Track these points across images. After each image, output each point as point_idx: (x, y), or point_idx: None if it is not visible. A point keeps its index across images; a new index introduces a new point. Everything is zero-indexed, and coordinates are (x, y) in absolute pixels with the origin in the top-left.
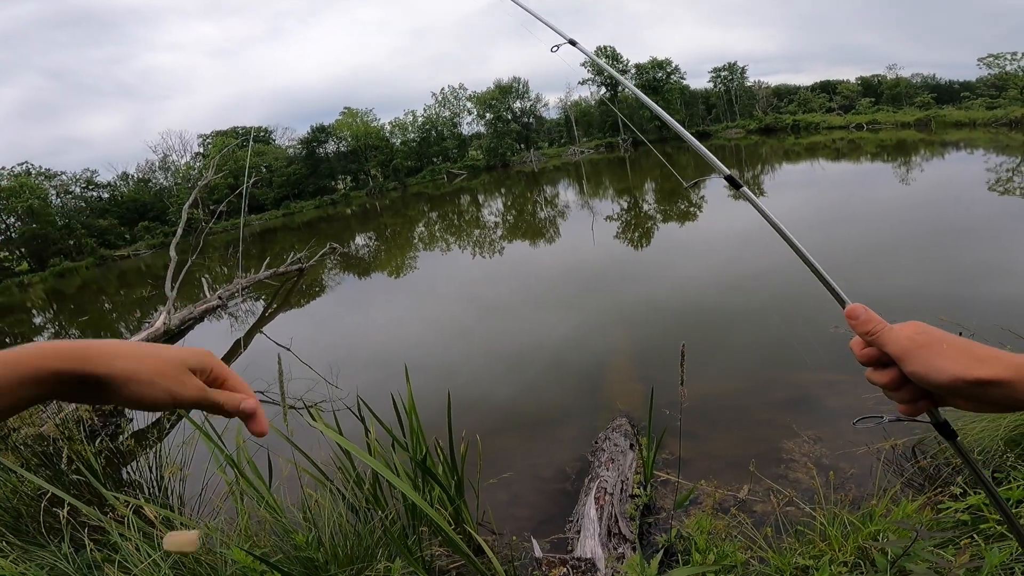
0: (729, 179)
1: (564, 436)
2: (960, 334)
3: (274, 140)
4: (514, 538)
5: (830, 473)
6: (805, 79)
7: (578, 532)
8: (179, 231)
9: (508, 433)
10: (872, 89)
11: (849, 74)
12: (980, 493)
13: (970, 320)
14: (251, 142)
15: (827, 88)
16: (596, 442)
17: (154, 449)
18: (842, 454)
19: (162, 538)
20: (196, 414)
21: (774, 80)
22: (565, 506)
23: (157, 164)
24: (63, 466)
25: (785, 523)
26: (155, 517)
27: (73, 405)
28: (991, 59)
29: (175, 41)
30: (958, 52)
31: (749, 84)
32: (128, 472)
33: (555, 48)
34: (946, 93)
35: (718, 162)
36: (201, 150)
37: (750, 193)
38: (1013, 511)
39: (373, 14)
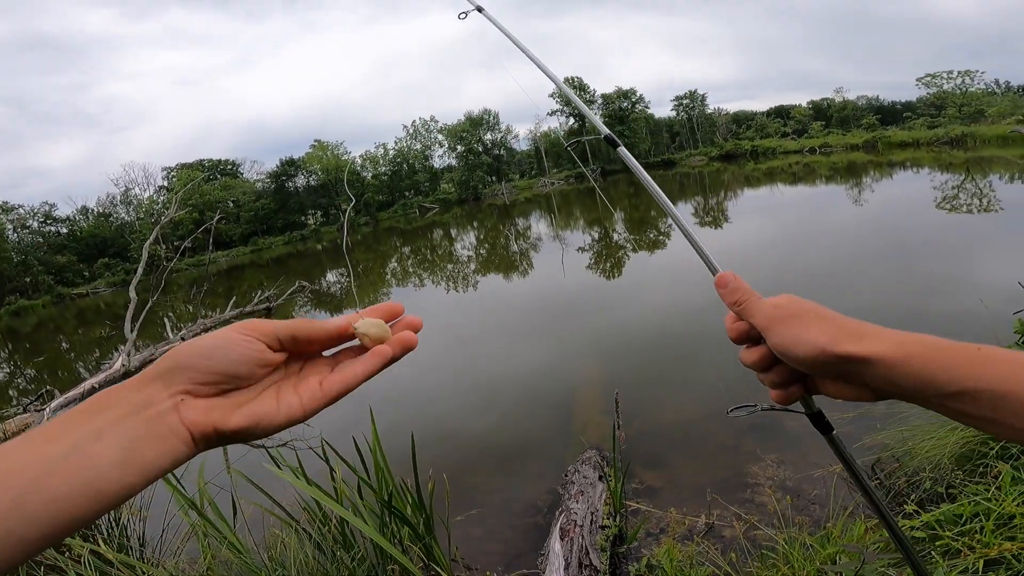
0: (608, 139)
1: (535, 469)
2: None
3: (242, 174)
4: (488, 574)
5: (787, 497)
6: (760, 105)
7: (546, 564)
8: (140, 269)
9: (480, 466)
10: (822, 112)
11: (800, 99)
12: (934, 510)
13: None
14: (218, 175)
15: (781, 113)
16: (566, 475)
17: None
18: (804, 476)
19: None
20: None
21: (732, 107)
22: (536, 540)
23: (118, 198)
24: None
25: (750, 548)
26: (113, 558)
27: None
28: (928, 78)
29: (139, 70)
30: (897, 73)
31: (710, 111)
32: None
33: (463, 15)
34: (889, 114)
35: (600, 124)
36: (165, 183)
37: (627, 153)
38: (966, 527)
39: (341, 43)
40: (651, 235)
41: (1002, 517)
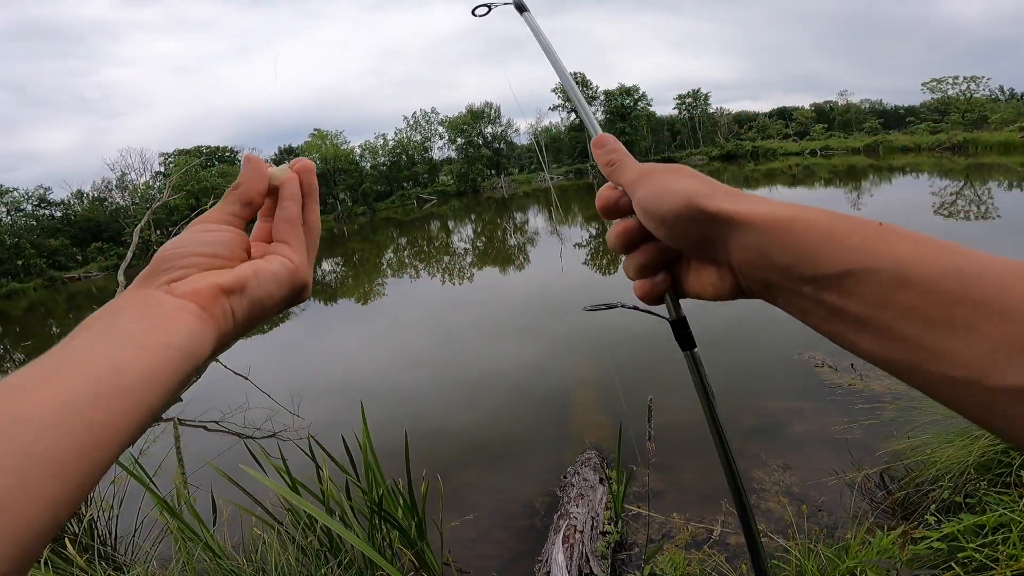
0: (517, 4)
1: (532, 469)
2: None
3: (239, 161)
4: None
5: (803, 506)
6: (763, 106)
7: (547, 574)
8: (129, 254)
9: (475, 466)
10: (824, 115)
11: (804, 101)
12: (955, 520)
13: None
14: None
15: (784, 114)
16: (565, 476)
17: None
18: (812, 483)
19: None
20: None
21: (735, 107)
22: (534, 543)
23: (114, 183)
24: None
25: None
26: (76, 556)
27: None
28: (934, 83)
29: (137, 56)
30: (902, 78)
31: (712, 111)
32: None
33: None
34: (892, 118)
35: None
36: (162, 169)
37: (533, 18)
38: (988, 538)
39: (340, 35)
40: None
41: None
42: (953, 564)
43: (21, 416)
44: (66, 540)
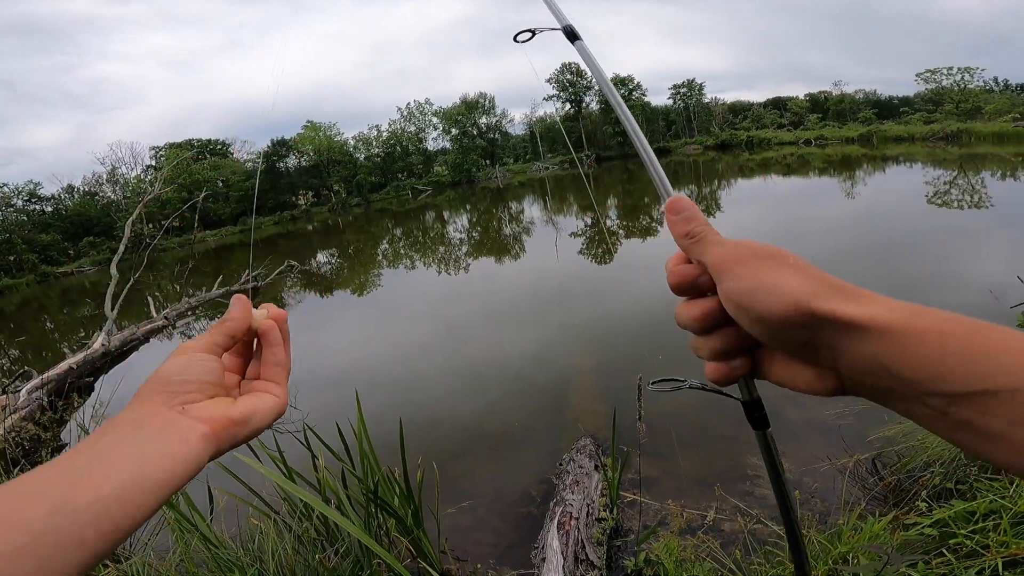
0: (567, 30)
1: (528, 457)
2: None
3: (232, 153)
4: (478, 566)
5: (796, 492)
6: (757, 96)
7: (543, 560)
8: (121, 248)
9: (471, 455)
10: (819, 105)
11: (798, 91)
12: (946, 507)
13: None
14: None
15: (778, 104)
16: (560, 464)
17: None
18: (805, 470)
19: None
20: None
21: (729, 97)
22: (530, 531)
23: (105, 177)
24: None
25: (753, 543)
26: None
27: None
28: (928, 74)
29: (127, 51)
30: (896, 69)
31: (706, 101)
32: None
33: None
34: (886, 109)
35: (560, 9)
36: (153, 163)
37: (586, 47)
38: (979, 525)
39: (333, 27)
40: (643, 222)
41: (1016, 516)
42: (944, 551)
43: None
44: None
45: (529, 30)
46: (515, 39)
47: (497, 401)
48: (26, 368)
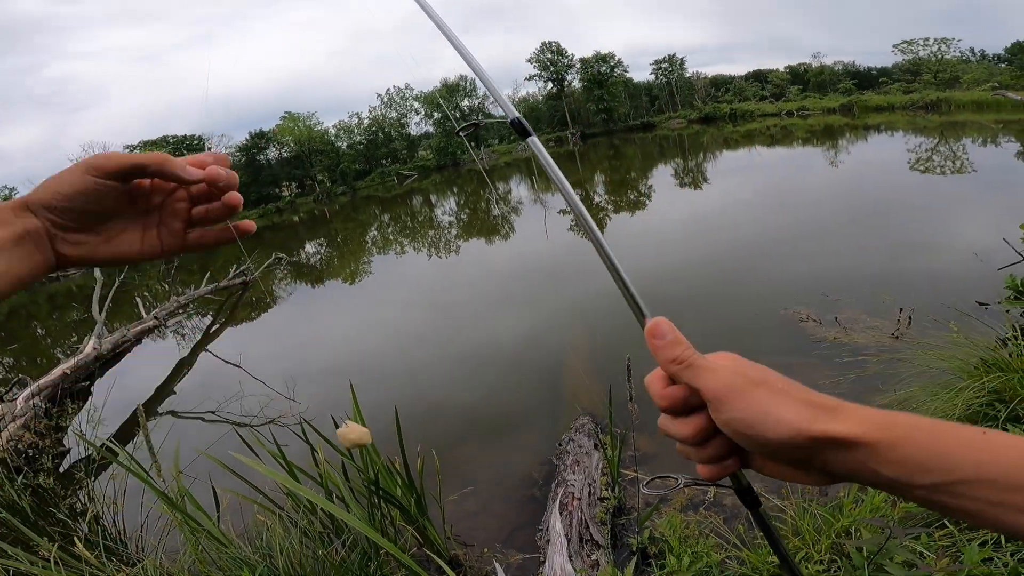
0: (515, 124)
1: (528, 440)
2: (900, 310)
3: (210, 148)
4: (485, 551)
5: None
6: (739, 69)
7: (547, 542)
8: None
9: (471, 440)
10: (799, 77)
11: (778, 63)
12: None
13: (908, 297)
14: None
15: (759, 77)
16: (560, 444)
17: (84, 485)
18: None
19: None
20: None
21: (711, 71)
22: (534, 513)
23: None
24: None
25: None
26: (89, 555)
27: None
28: (905, 45)
29: (86, 49)
30: (873, 40)
31: (688, 75)
32: (59, 509)
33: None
34: (865, 79)
35: (510, 107)
36: None
37: (538, 144)
38: None
39: (305, 16)
40: (631, 196)
41: None
42: (946, 522)
43: None
44: (74, 538)
45: (473, 123)
46: (457, 134)
47: (494, 384)
48: (21, 376)
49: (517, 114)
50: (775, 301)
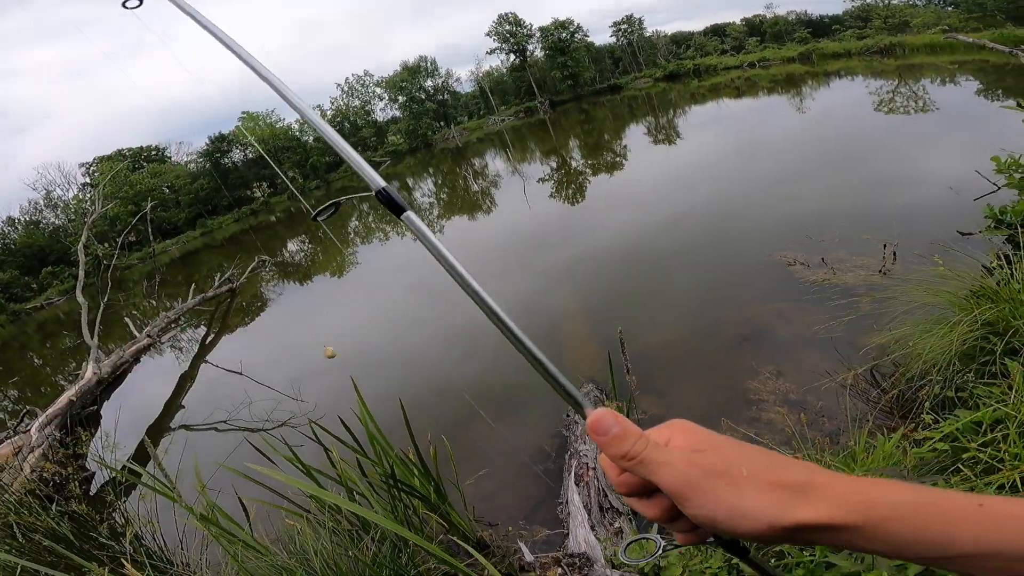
0: (381, 196)
1: (535, 414)
2: (884, 246)
3: (170, 157)
4: (510, 529)
5: (802, 415)
6: (696, 25)
7: (568, 515)
8: (80, 274)
9: (479, 420)
10: (756, 29)
11: (734, 16)
12: (952, 418)
13: (890, 233)
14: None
15: (717, 32)
16: (568, 415)
17: (116, 507)
18: (807, 388)
19: None
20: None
21: (670, 28)
22: (552, 486)
23: (42, 202)
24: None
25: None
26: (136, 574)
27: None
28: None
29: (15, 68)
30: None
31: (648, 35)
32: (99, 533)
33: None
34: (819, 27)
35: (374, 175)
36: (88, 180)
37: (415, 219)
38: (988, 436)
39: (242, 13)
40: (608, 158)
41: (1022, 425)
42: (960, 466)
43: None
44: (122, 560)
45: (335, 202)
46: (314, 219)
47: (493, 362)
48: (28, 407)
49: (383, 183)
50: (761, 247)
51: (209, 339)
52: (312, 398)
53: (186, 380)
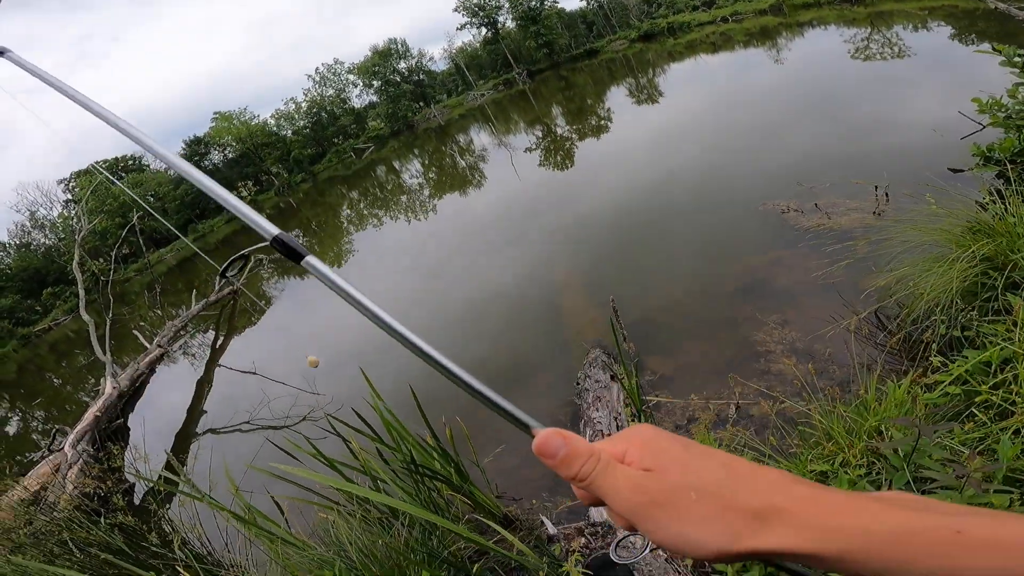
0: (277, 243)
1: (545, 382)
2: (876, 188)
3: (148, 166)
4: (534, 502)
5: (809, 364)
6: None
7: None
8: (81, 292)
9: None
10: None
11: None
12: (960, 360)
13: (879, 175)
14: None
15: None
16: (578, 383)
17: (161, 515)
18: (813, 336)
19: None
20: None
21: None
22: None
23: (28, 224)
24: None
25: (785, 426)
26: None
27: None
28: None
29: None
30: None
31: None
32: (149, 543)
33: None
34: None
35: (265, 224)
36: (70, 196)
37: (317, 263)
38: (999, 377)
39: (200, 15)
40: (593, 122)
41: None
42: (975, 411)
43: None
44: (176, 567)
45: (241, 255)
46: (223, 275)
47: (499, 335)
48: (58, 426)
49: (277, 231)
50: (753, 198)
51: (219, 342)
52: (327, 390)
53: (204, 385)
